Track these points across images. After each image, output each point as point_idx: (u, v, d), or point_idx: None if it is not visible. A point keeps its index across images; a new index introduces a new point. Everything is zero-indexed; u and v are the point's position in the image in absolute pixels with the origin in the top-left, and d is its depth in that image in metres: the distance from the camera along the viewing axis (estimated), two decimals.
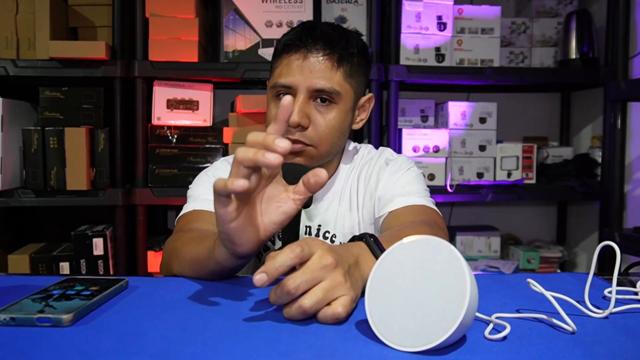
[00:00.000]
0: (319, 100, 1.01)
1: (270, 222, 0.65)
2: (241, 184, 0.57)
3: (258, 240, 0.65)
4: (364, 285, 0.66)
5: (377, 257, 0.65)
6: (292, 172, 0.94)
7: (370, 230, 1.11)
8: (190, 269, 0.80)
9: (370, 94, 1.12)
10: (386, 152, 1.15)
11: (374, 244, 0.70)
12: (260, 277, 0.57)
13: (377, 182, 1.09)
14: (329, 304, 0.59)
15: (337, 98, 1.01)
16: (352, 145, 1.18)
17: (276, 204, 0.65)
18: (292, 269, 0.59)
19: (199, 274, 0.79)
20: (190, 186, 1.10)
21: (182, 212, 1.04)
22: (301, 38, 0.99)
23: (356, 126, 1.11)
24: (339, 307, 0.58)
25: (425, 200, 1.03)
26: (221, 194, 0.59)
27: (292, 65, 0.99)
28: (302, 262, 0.59)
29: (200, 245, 0.78)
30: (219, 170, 1.12)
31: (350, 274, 0.62)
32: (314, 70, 0.99)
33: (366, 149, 1.19)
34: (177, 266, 0.84)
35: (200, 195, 1.05)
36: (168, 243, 0.93)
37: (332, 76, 1.00)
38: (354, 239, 0.73)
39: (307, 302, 0.58)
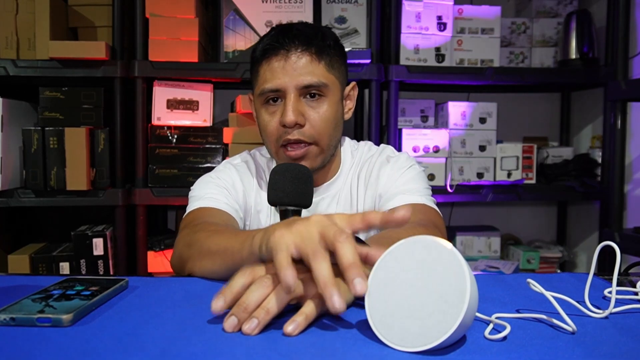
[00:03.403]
0: (308, 96, 1.02)
1: None
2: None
3: None
4: None
5: None
6: (292, 172, 0.95)
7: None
8: (211, 260, 0.79)
9: (354, 82, 1.13)
10: (387, 149, 1.15)
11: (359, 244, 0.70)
12: (218, 300, 0.58)
13: (377, 180, 1.09)
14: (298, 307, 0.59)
15: (326, 90, 1.02)
16: (350, 142, 1.18)
17: None
18: None
19: (220, 266, 0.77)
20: (192, 188, 1.10)
21: (187, 211, 1.04)
22: (278, 40, 1.00)
23: (347, 116, 1.11)
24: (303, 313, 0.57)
25: (425, 199, 1.03)
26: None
27: (275, 68, 1.00)
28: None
29: (233, 238, 0.76)
30: (222, 172, 1.12)
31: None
32: (297, 67, 0.99)
33: (366, 145, 1.19)
34: (197, 256, 0.83)
35: (205, 194, 1.05)
36: (184, 235, 0.93)
37: (315, 70, 1.01)
38: None
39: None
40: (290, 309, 0.59)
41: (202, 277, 0.81)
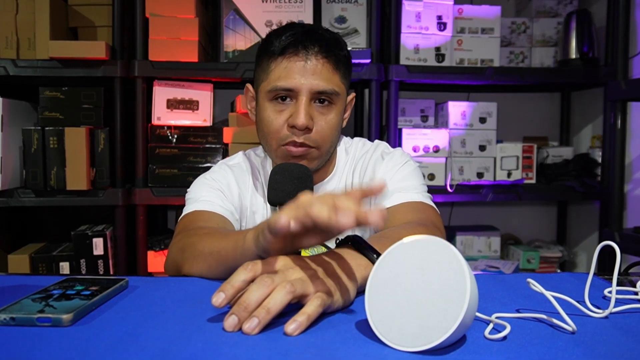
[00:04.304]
0: (318, 101, 1.01)
1: (308, 243, 0.66)
2: (293, 226, 0.58)
3: (291, 252, 0.67)
4: (360, 284, 0.66)
5: (363, 254, 0.66)
6: (292, 172, 0.95)
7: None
8: (206, 263, 0.80)
9: (353, 94, 1.13)
10: (381, 145, 1.15)
11: (359, 244, 0.70)
12: (218, 295, 0.58)
13: (372, 177, 1.09)
14: (300, 306, 0.59)
15: (336, 99, 1.02)
16: (344, 139, 1.18)
17: (319, 232, 0.64)
18: None
19: (215, 268, 0.78)
20: (188, 189, 1.10)
21: (183, 214, 1.04)
22: (301, 41, 0.99)
23: (343, 124, 1.11)
24: (310, 306, 0.58)
25: (422, 196, 1.03)
26: (275, 231, 0.59)
27: (293, 69, 0.99)
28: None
29: (224, 240, 0.78)
30: (217, 173, 1.11)
31: (330, 270, 0.64)
32: (316, 72, 0.99)
33: (360, 142, 1.18)
34: (191, 260, 0.84)
35: (200, 197, 1.05)
36: (177, 240, 0.93)
37: (332, 78, 1.01)
38: (340, 243, 0.73)
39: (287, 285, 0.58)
40: (291, 309, 0.59)
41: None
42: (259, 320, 0.56)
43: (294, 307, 0.59)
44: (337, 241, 1.03)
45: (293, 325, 0.55)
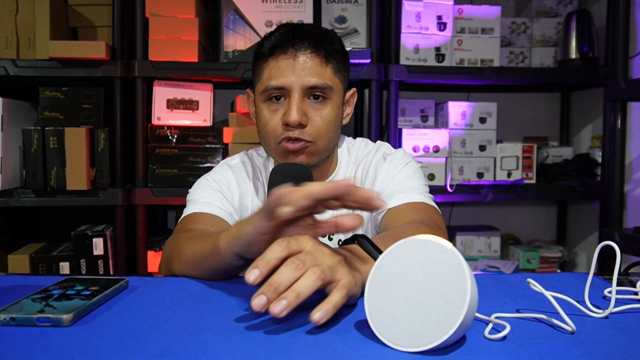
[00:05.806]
0: (312, 97, 1.02)
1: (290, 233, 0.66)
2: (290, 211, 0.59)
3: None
4: (363, 282, 0.66)
5: (369, 253, 0.66)
6: (292, 172, 0.95)
7: (369, 227, 1.10)
8: (191, 266, 0.81)
9: (354, 89, 1.13)
10: (384, 146, 1.15)
11: (366, 243, 0.70)
12: (252, 272, 0.57)
13: (374, 178, 1.09)
14: (325, 294, 0.59)
15: (330, 93, 1.02)
16: (347, 140, 1.18)
17: (300, 229, 0.65)
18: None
19: (199, 271, 0.79)
20: (190, 190, 1.10)
21: (182, 216, 1.05)
22: (288, 38, 1.00)
23: (344, 121, 1.11)
24: (335, 296, 0.58)
25: (424, 196, 1.03)
26: (271, 210, 0.60)
27: (283, 66, 1.00)
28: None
29: (204, 242, 0.78)
30: (218, 174, 1.11)
31: (348, 261, 0.64)
32: (305, 68, 0.99)
33: (362, 142, 1.18)
34: (177, 264, 0.85)
35: (199, 198, 1.05)
36: (168, 243, 0.94)
37: (323, 72, 1.01)
38: (346, 242, 0.73)
39: (308, 279, 0.57)
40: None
41: None
42: (287, 302, 0.55)
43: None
44: (340, 242, 1.03)
45: (319, 314, 0.55)
